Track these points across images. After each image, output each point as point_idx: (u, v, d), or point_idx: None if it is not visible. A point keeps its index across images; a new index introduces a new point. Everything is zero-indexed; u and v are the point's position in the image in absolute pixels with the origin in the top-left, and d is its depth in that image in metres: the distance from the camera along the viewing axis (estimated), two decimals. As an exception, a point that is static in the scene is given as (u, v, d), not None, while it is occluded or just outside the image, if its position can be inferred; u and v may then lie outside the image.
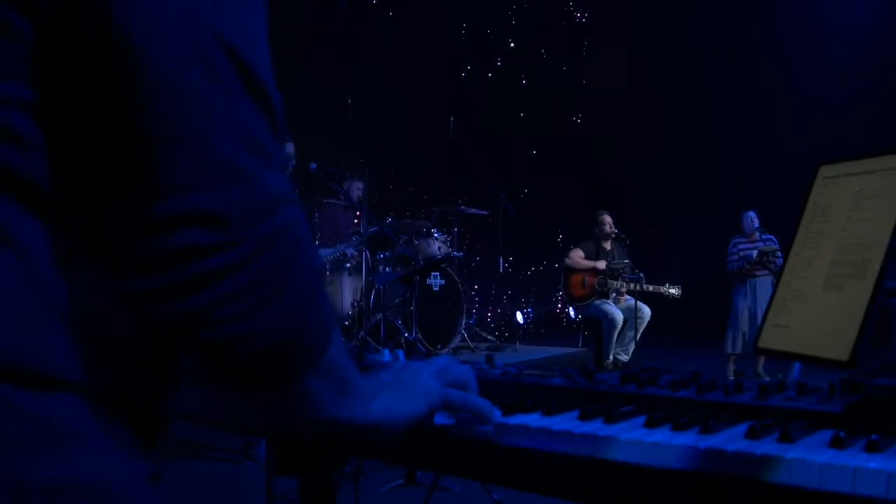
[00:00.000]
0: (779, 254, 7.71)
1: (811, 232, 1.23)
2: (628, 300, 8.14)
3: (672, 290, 8.27)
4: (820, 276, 1.16)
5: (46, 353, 0.63)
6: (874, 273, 1.04)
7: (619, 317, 7.96)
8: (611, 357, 7.94)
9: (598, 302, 8.16)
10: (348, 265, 6.79)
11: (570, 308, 8.71)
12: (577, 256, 8.36)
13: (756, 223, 8.08)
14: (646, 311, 8.10)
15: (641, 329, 8.06)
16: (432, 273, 7.01)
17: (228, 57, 0.65)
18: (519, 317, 11.66)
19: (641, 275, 8.11)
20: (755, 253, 7.89)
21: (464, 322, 7.25)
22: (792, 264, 1.24)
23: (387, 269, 6.98)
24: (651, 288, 8.18)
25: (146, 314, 0.67)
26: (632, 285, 8.07)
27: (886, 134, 9.84)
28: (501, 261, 9.35)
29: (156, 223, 0.63)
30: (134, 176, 0.62)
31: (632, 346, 8.03)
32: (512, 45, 13.60)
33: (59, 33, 0.62)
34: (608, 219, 8.44)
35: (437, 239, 7.43)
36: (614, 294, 8.23)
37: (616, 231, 8.42)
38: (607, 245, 8.44)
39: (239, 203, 0.65)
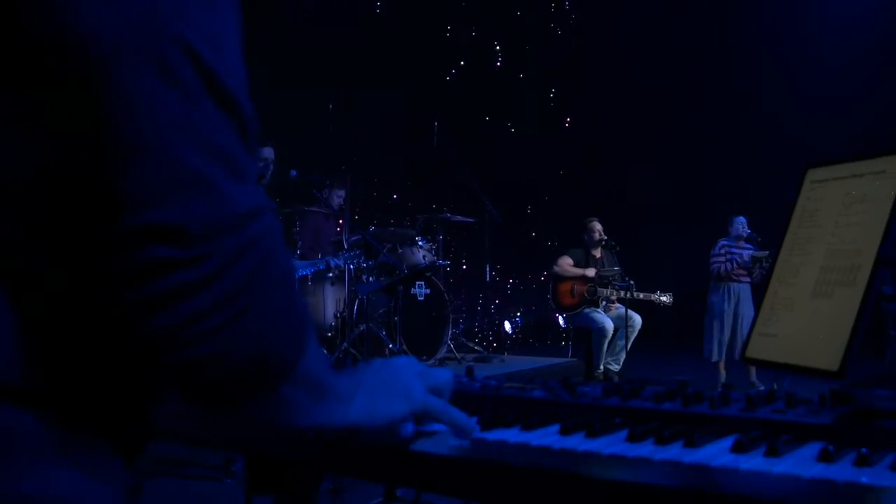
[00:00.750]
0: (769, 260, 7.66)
1: (799, 238, 1.20)
2: (619, 308, 8.12)
3: (663, 298, 8.24)
4: (808, 284, 1.13)
5: (20, 366, 0.61)
6: (864, 280, 1.01)
7: (610, 325, 7.93)
8: (601, 367, 7.90)
9: (587, 310, 8.13)
10: (331, 275, 6.74)
11: (560, 317, 8.67)
12: (566, 264, 8.33)
13: (746, 229, 8.01)
14: (636, 319, 8.08)
15: (632, 338, 8.04)
16: (417, 282, 6.97)
17: (191, 62, 0.62)
18: (507, 326, 11.64)
19: (632, 282, 8.09)
20: (747, 254, 7.82)
21: (450, 332, 7.18)
22: (780, 271, 1.21)
23: (370, 278, 6.93)
24: (642, 296, 8.16)
25: (112, 333, 0.64)
26: (622, 293, 8.05)
27: (885, 136, 9.78)
28: (488, 269, 9.33)
29: (116, 238, 0.60)
30: (94, 188, 0.60)
31: (622, 356, 8.00)
32: (498, 47, 13.55)
33: (10, 41, 0.59)
34: (598, 225, 8.43)
35: (421, 247, 7.38)
36: (604, 302, 8.21)
37: (606, 238, 8.40)
38: (597, 252, 8.41)
39: (202, 216, 0.62)
